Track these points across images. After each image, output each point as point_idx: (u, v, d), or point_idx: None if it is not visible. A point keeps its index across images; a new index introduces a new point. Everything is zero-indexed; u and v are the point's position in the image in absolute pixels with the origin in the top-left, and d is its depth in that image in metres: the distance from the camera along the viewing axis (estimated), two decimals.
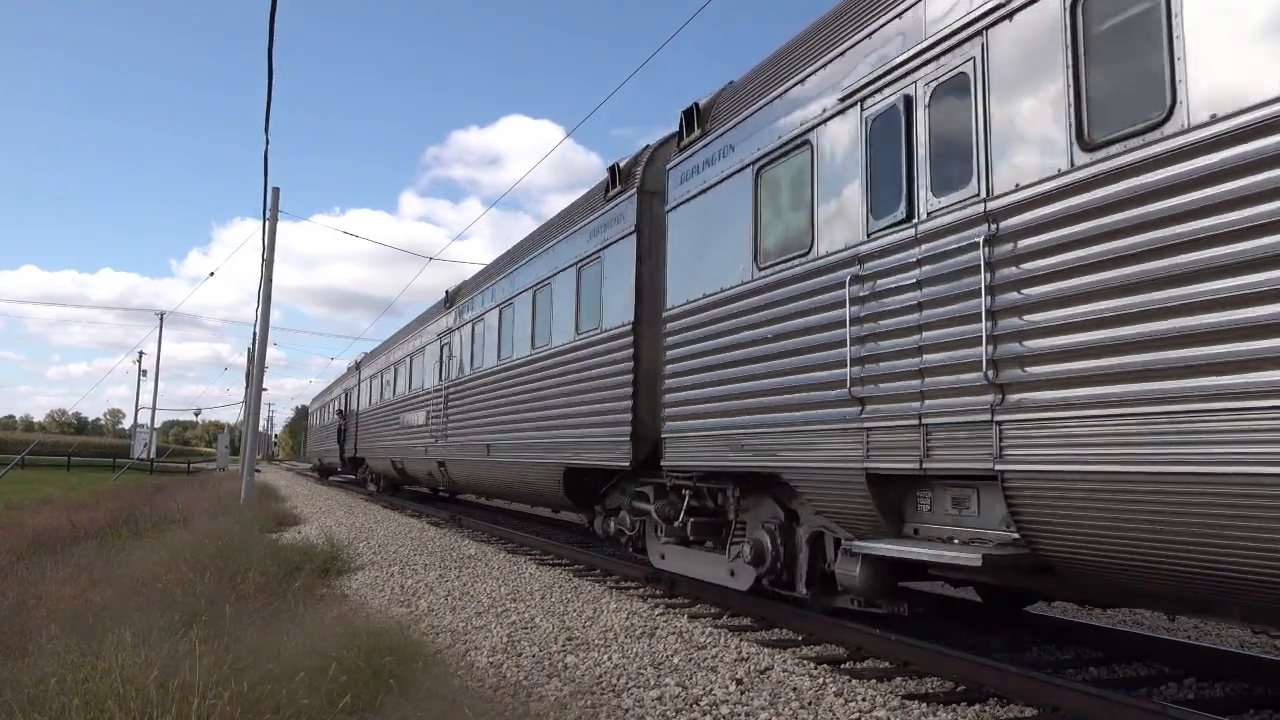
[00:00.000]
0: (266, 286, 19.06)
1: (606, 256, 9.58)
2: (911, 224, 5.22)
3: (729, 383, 6.95)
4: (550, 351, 11.00)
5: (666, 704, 4.76)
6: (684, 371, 7.65)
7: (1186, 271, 3.68)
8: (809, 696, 4.89)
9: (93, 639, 4.52)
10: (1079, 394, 4.12)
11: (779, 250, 6.52)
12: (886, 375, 5.34)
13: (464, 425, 14.85)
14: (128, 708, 3.61)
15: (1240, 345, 3.50)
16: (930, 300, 5.04)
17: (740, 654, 5.85)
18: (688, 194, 7.89)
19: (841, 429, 5.66)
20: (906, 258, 5.24)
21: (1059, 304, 4.25)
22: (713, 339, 7.25)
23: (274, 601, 6.77)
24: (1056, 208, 4.31)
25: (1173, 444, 3.71)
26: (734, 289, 7.01)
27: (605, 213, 9.77)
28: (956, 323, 4.83)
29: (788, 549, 6.65)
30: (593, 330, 9.72)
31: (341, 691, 4.05)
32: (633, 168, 9.45)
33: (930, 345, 5.02)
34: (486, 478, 14.02)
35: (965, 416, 4.73)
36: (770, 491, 6.86)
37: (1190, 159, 3.71)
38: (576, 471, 10.08)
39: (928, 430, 4.99)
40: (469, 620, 7.02)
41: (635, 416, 8.55)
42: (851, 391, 5.53)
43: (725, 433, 6.94)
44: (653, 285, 8.65)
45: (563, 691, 4.93)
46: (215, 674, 3.89)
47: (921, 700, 4.87)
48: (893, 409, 5.26)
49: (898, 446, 5.21)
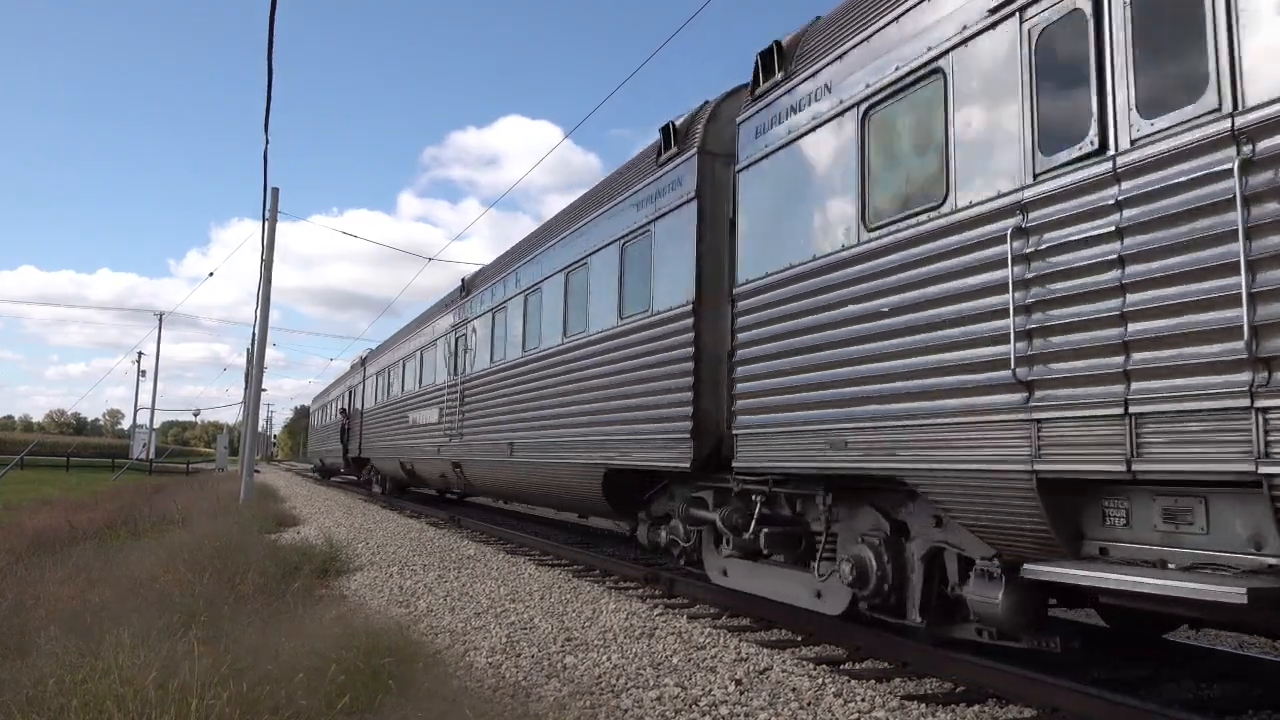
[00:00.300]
0: (266, 287, 19.05)
1: (657, 230, 8.46)
2: (1105, 157, 4.13)
3: (826, 367, 5.81)
4: (588, 339, 9.83)
5: (666, 704, 4.76)
6: (763, 356, 6.50)
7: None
8: (808, 697, 4.89)
9: (91, 640, 4.51)
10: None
11: (897, 206, 5.39)
12: (1070, 351, 4.21)
13: (483, 423, 13.79)
14: (126, 708, 3.61)
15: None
16: (1140, 252, 3.94)
17: (739, 654, 5.85)
18: (766, 149, 6.72)
19: (998, 421, 4.52)
20: (1099, 200, 4.14)
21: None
22: (803, 317, 6.09)
23: (273, 602, 6.77)
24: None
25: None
26: (833, 256, 5.86)
27: (656, 180, 8.60)
28: (1187, 278, 3.76)
29: (896, 568, 5.62)
30: (640, 314, 8.60)
31: (340, 692, 4.04)
32: (691, 126, 8.27)
33: (1142, 310, 3.92)
34: (509, 480, 12.88)
35: (1204, 403, 3.66)
36: (870, 498, 5.89)
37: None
38: (618, 473, 8.97)
39: (1137, 421, 3.91)
40: (468, 621, 7.02)
41: (697, 410, 7.44)
42: (1016, 373, 4.38)
43: (821, 428, 5.82)
44: (716, 259, 7.58)
45: (562, 692, 4.94)
46: (214, 675, 3.88)
47: (920, 701, 4.87)
48: (1080, 395, 4.15)
49: (1087, 443, 4.11)
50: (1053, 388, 4.30)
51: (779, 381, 6.30)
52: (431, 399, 17.41)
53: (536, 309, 11.77)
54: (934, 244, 5.05)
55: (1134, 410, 3.94)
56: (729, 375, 7.08)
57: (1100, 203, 4.17)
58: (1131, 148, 4.06)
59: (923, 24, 5.28)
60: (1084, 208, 4.25)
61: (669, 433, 7.79)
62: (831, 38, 6.27)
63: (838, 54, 6.07)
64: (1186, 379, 3.75)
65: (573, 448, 9.92)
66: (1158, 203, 3.93)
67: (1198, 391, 3.70)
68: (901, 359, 5.17)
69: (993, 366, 4.57)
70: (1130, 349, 3.97)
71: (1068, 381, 4.23)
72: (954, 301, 4.86)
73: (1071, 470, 4.19)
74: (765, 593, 6.99)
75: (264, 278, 19.03)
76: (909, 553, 5.61)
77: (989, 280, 4.65)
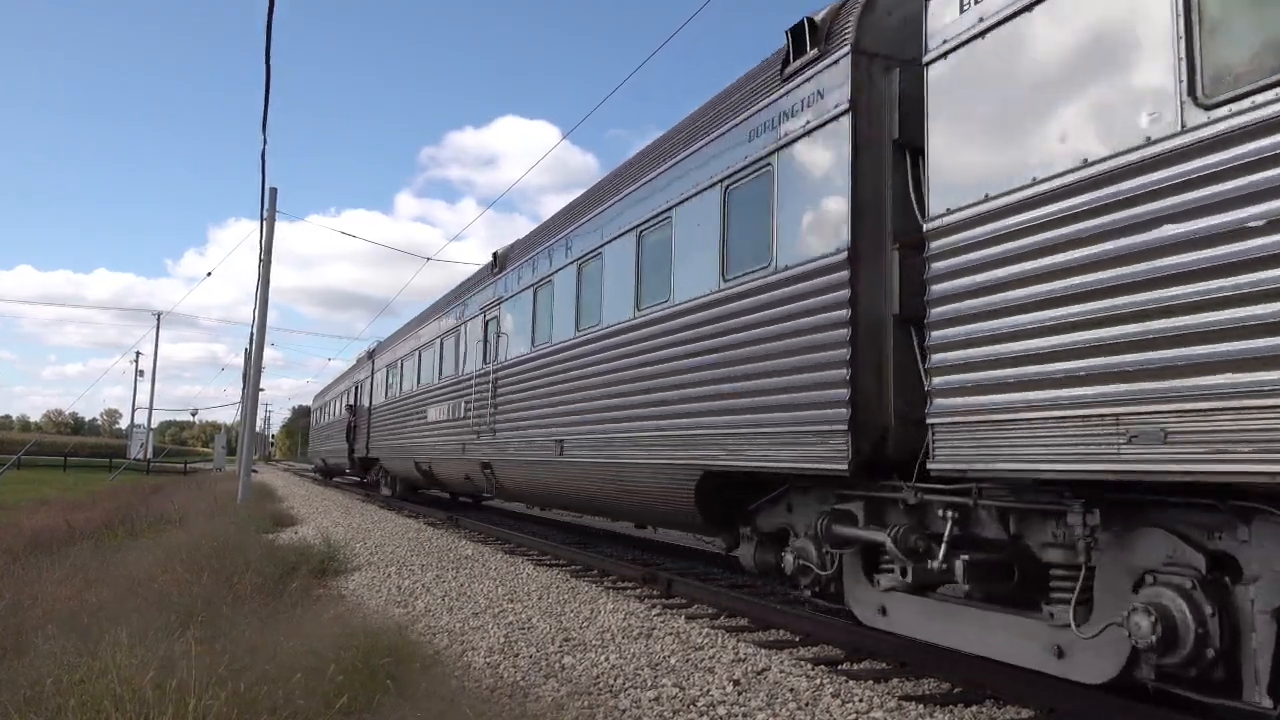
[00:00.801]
0: (264, 287, 19.04)
1: (781, 161, 6.55)
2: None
3: (1128, 320, 3.85)
4: (671, 311, 7.83)
5: (664, 705, 4.76)
6: (991, 312, 4.55)
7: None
8: (806, 697, 4.89)
9: (89, 640, 4.51)
10: None
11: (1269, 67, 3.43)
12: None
13: (521, 417, 11.71)
14: (124, 708, 3.61)
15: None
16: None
17: (737, 655, 5.85)
18: (982, 24, 4.81)
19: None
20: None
21: None
22: (1075, 249, 4.11)
23: (271, 602, 6.77)
24: None
25: None
26: (1134, 155, 3.89)
27: (781, 97, 6.64)
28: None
29: (1224, 623, 3.84)
30: (754, 273, 6.65)
31: (339, 692, 4.04)
32: (836, 21, 6.29)
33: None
34: (556, 483, 10.69)
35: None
36: (1164, 518, 4.10)
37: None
38: (718, 477, 7.14)
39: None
40: (466, 621, 7.02)
41: (855, 392, 5.56)
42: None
43: (1112, 412, 3.89)
44: (876, 194, 5.82)
45: (560, 692, 4.94)
46: (212, 674, 3.88)
47: (918, 701, 4.88)
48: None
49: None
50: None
51: (1031, 345, 4.35)
52: (455, 391, 15.34)
53: (595, 280, 9.74)
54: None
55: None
56: (917, 344, 5.40)
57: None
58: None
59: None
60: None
61: (815, 424, 5.90)
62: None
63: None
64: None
65: (653, 444, 7.98)
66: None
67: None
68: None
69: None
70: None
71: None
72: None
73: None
74: (958, 644, 5.14)
75: (262, 278, 19.03)
76: (1240, 601, 3.85)
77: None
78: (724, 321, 7.05)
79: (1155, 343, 3.73)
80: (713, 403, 7.11)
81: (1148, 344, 3.76)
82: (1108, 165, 4.04)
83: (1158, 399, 3.71)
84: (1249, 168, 3.41)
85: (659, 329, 8.08)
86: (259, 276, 19.12)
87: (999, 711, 4.79)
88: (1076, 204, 4.19)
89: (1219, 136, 3.56)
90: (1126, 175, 3.96)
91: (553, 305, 11.11)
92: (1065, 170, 4.25)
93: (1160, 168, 3.79)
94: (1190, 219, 3.64)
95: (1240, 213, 3.44)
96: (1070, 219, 4.22)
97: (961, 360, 4.75)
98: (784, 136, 6.53)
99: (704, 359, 7.29)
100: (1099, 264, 4.03)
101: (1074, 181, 4.21)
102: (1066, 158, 4.26)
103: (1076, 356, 4.08)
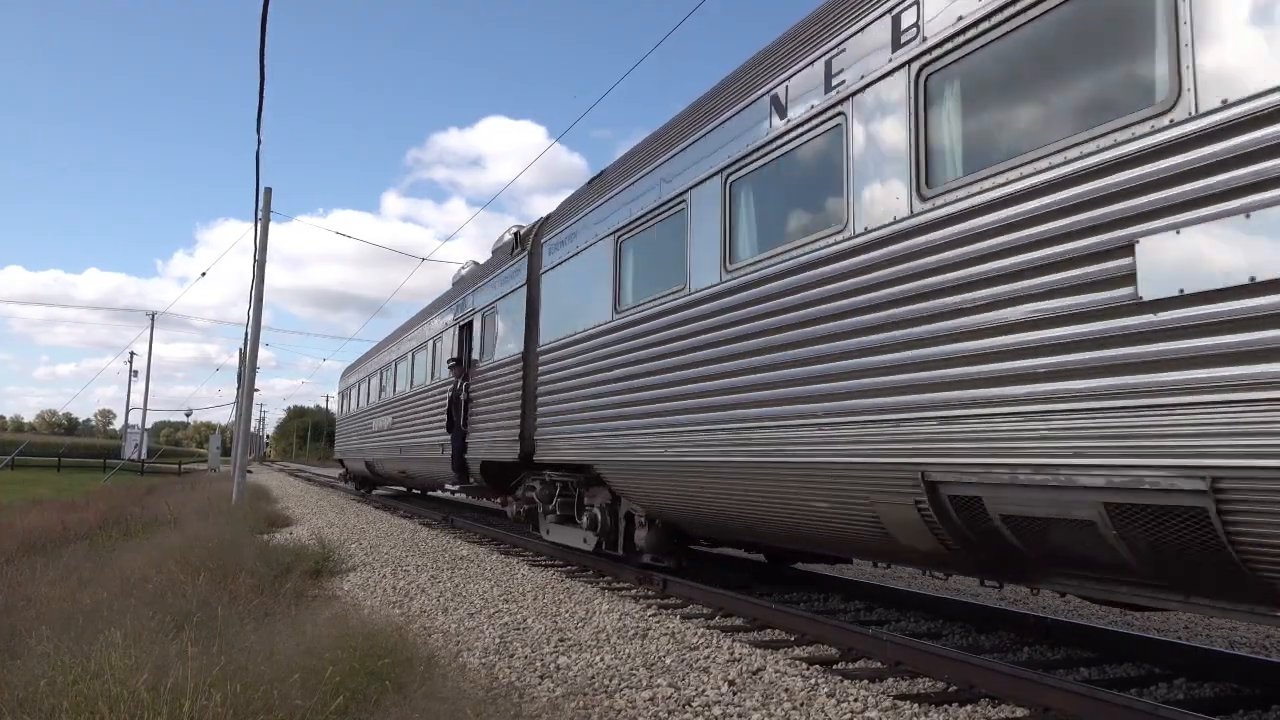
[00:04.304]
0: (258, 287, 19.00)
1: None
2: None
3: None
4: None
5: (659, 705, 4.77)
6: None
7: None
8: (801, 697, 4.90)
9: (83, 641, 4.50)
10: None
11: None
12: None
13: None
14: (119, 710, 3.60)
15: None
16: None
17: (733, 655, 5.86)
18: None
19: None
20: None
21: None
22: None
23: (266, 603, 6.76)
24: None
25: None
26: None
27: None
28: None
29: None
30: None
31: (335, 693, 4.04)
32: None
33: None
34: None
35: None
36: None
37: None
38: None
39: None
40: (461, 621, 7.01)
41: None
42: None
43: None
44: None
45: (555, 693, 4.94)
46: (207, 676, 3.88)
47: (914, 701, 4.89)
48: None
49: None
50: None
51: None
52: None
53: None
54: None
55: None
56: None
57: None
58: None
59: None
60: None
61: None
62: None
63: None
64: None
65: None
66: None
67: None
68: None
69: None
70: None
71: None
72: None
73: None
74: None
75: (257, 278, 18.98)
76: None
77: None
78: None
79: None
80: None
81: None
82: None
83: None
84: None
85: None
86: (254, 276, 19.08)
87: (994, 710, 4.80)
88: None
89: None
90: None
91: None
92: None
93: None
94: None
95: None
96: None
97: None
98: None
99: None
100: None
101: None
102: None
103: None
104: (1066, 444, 4.04)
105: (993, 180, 4.53)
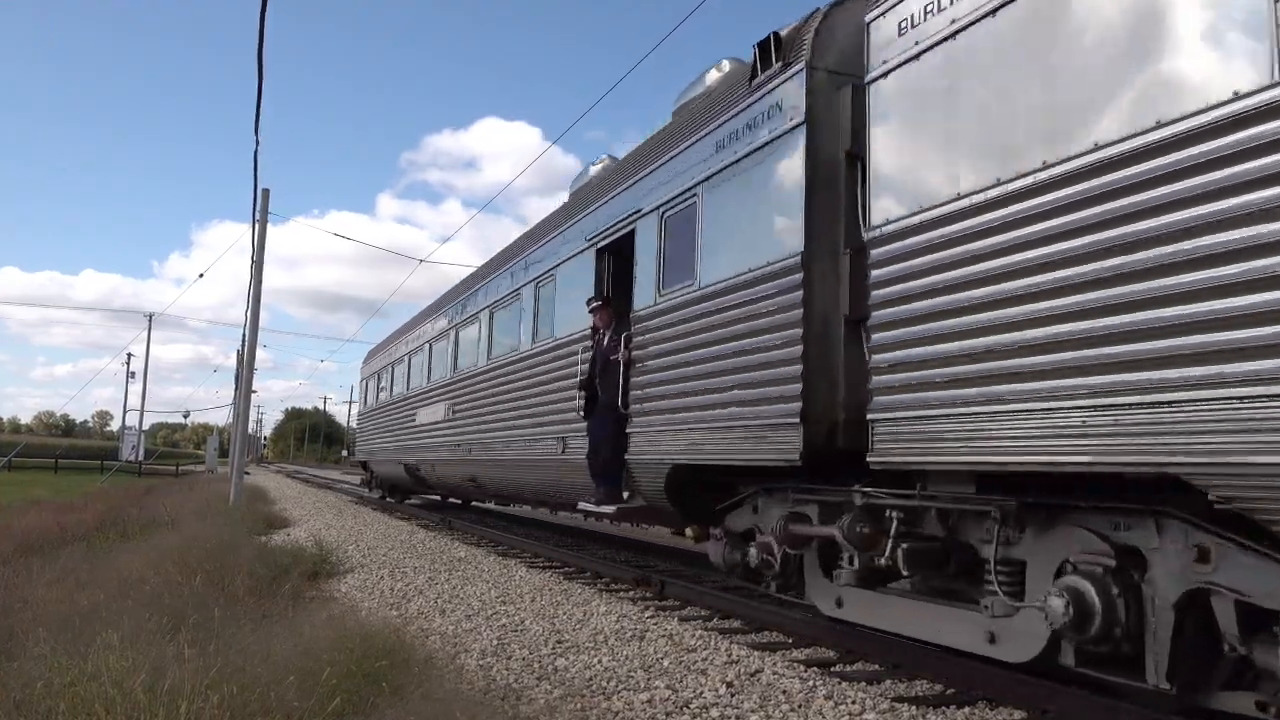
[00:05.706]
0: (256, 288, 19.01)
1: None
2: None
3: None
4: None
5: (656, 707, 4.76)
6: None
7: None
8: (799, 699, 4.90)
9: (80, 642, 4.49)
10: None
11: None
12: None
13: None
14: (115, 711, 3.59)
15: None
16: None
17: (730, 656, 5.85)
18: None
19: None
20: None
21: None
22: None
23: (264, 604, 6.75)
24: None
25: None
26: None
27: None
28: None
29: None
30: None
31: (332, 694, 4.04)
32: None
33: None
34: None
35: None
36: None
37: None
38: None
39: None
40: (459, 623, 7.01)
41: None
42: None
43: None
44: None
45: (552, 694, 4.93)
46: (204, 677, 3.87)
47: (911, 703, 4.89)
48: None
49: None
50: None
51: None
52: None
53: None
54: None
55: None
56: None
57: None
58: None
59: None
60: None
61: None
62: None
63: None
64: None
65: None
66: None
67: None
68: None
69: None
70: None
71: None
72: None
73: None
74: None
75: (255, 279, 18.98)
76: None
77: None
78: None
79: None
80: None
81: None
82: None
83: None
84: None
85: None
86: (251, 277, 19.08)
87: (992, 713, 4.80)
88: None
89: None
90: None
91: None
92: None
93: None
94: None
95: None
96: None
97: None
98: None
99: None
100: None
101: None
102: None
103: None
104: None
105: None
